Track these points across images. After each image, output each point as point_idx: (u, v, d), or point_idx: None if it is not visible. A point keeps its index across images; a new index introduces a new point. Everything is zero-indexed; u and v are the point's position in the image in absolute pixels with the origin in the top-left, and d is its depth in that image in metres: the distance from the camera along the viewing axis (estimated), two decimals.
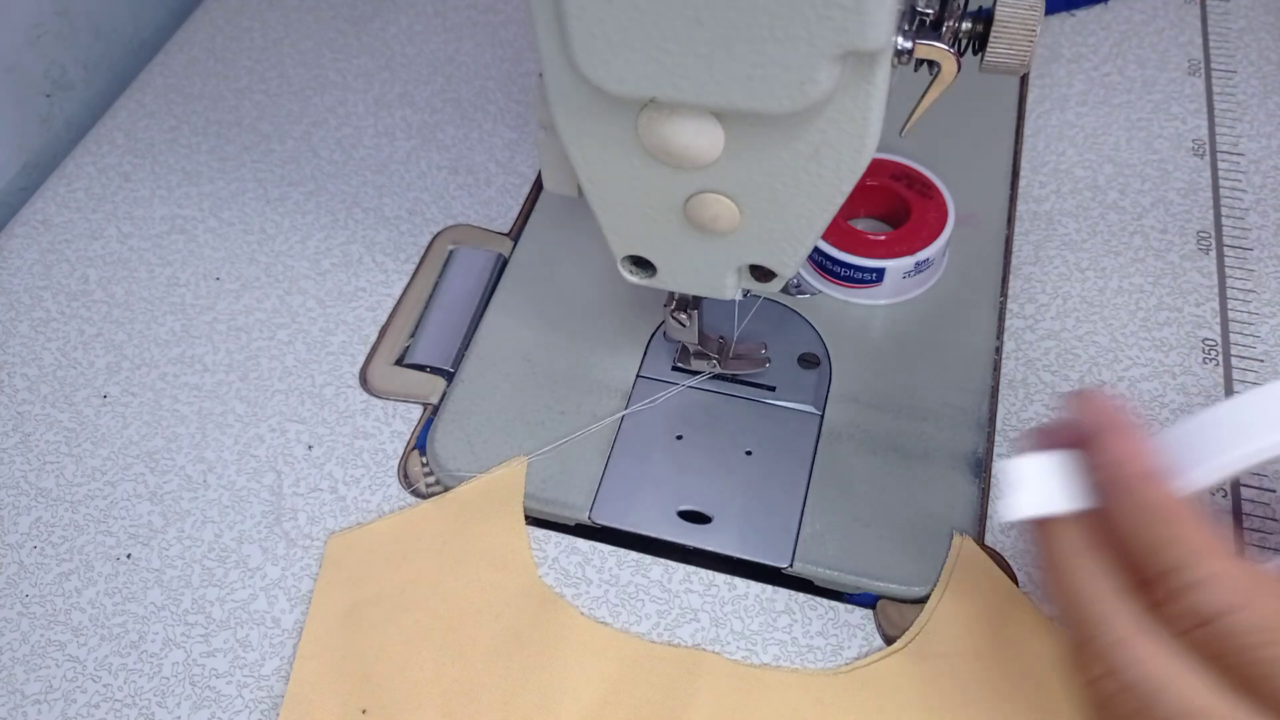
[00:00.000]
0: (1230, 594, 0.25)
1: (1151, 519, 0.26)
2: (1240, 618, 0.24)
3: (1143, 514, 0.26)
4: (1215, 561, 0.25)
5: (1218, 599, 0.25)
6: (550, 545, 0.40)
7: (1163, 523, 0.26)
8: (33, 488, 0.43)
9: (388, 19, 0.60)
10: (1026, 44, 0.31)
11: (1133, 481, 0.27)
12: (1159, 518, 0.26)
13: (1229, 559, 0.25)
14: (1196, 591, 0.25)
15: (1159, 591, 0.25)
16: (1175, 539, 0.26)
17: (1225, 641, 0.25)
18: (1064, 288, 0.47)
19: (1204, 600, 0.25)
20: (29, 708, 0.37)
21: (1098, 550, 0.27)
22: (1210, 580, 0.25)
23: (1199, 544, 0.26)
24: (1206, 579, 0.25)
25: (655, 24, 0.26)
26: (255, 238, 0.51)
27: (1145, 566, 0.26)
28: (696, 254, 0.35)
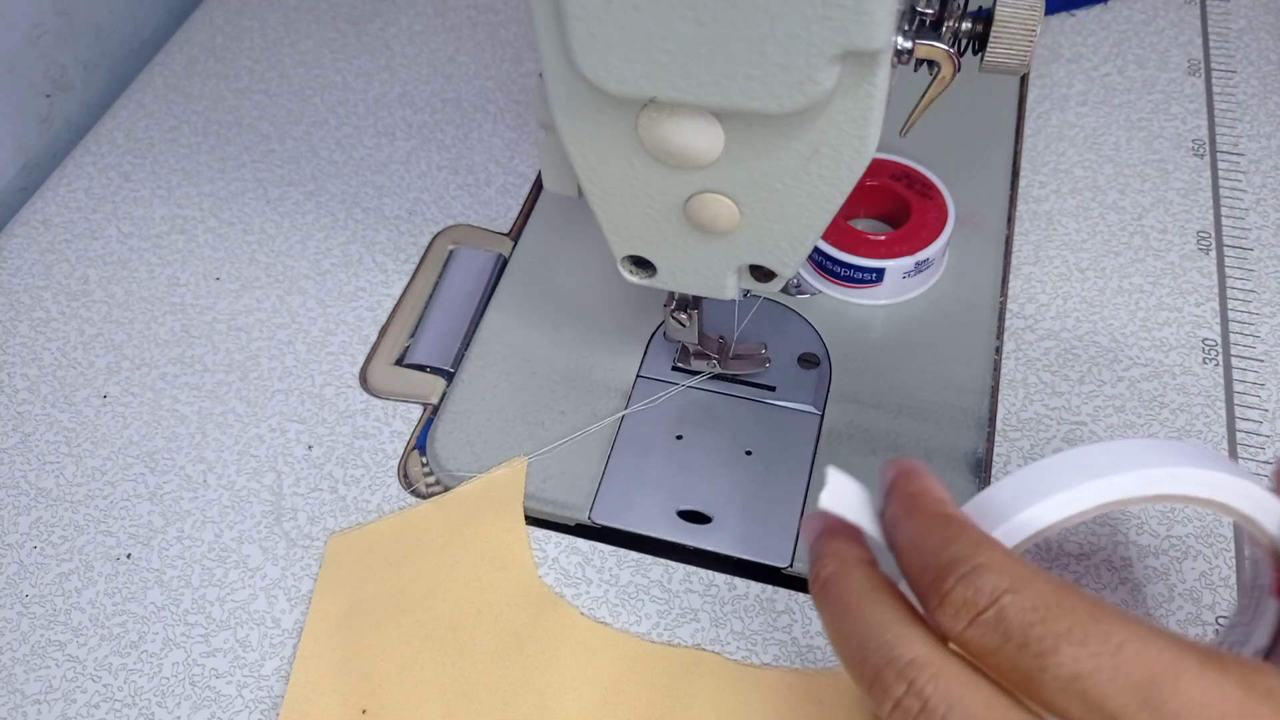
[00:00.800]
0: (1003, 577, 0.25)
1: (936, 526, 0.27)
2: (1014, 599, 0.25)
3: (930, 522, 0.27)
4: (990, 551, 0.26)
5: (992, 582, 0.25)
6: (550, 545, 0.40)
7: (945, 527, 0.27)
8: (33, 488, 0.43)
9: (388, 19, 0.60)
10: (1026, 44, 0.31)
11: (924, 501, 0.28)
12: (942, 524, 0.27)
13: (1005, 552, 0.26)
14: (972, 578, 0.25)
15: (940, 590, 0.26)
16: (955, 537, 0.26)
17: (1005, 627, 0.25)
18: (1064, 288, 0.47)
19: (980, 585, 0.25)
20: (29, 708, 0.37)
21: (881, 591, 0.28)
22: (985, 566, 0.25)
23: (976, 539, 0.26)
24: (981, 565, 0.25)
25: (655, 24, 0.26)
26: (255, 238, 0.51)
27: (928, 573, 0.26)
28: (696, 254, 0.35)
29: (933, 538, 0.27)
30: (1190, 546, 0.39)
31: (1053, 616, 0.25)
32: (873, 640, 0.27)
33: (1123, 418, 0.43)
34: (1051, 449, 0.42)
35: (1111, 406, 0.43)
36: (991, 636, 0.25)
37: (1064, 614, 0.25)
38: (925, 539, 0.27)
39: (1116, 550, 0.39)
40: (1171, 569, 0.39)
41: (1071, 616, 0.25)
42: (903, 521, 0.28)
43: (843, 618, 0.28)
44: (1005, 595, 0.25)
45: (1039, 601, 0.25)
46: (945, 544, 0.26)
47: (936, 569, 0.26)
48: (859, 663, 0.27)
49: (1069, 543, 0.40)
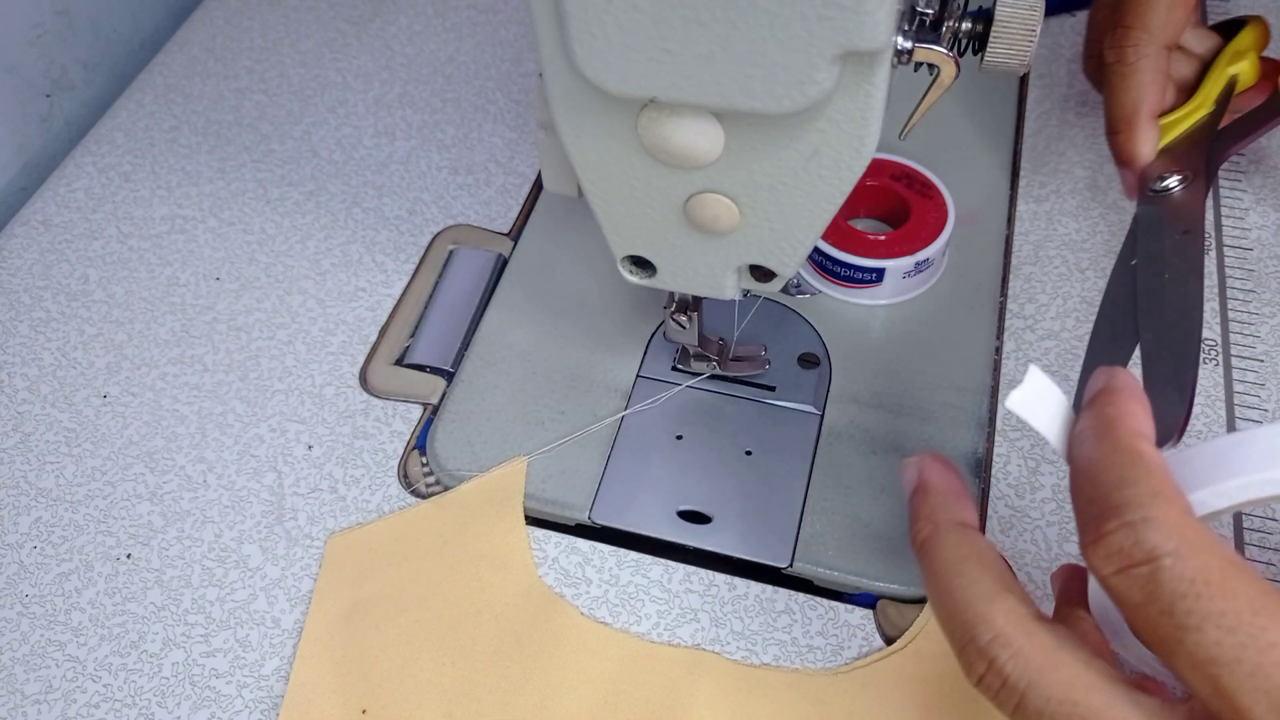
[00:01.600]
0: (1171, 539, 0.24)
1: (1120, 460, 0.26)
2: (1174, 564, 0.24)
3: (1118, 455, 0.26)
4: (1168, 507, 0.25)
5: (1156, 541, 0.24)
6: (550, 545, 0.40)
7: (1130, 464, 0.26)
8: (33, 488, 0.43)
9: (388, 19, 0.60)
10: (1026, 44, 0.31)
11: (1121, 430, 0.27)
12: (1128, 460, 0.26)
13: (1183, 511, 0.25)
14: (1137, 529, 0.24)
15: (1101, 529, 0.25)
16: (1138, 480, 0.25)
17: (1151, 587, 0.24)
18: (1064, 288, 0.47)
19: (1143, 538, 0.24)
20: (29, 708, 0.37)
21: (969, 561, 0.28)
22: (1154, 520, 0.24)
23: (1157, 489, 0.25)
24: (1152, 518, 0.24)
25: (655, 24, 0.26)
26: (255, 238, 0.51)
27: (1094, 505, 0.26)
28: (696, 254, 0.35)
29: (1112, 472, 0.26)
30: None
31: (1209, 595, 0.24)
32: (958, 616, 0.27)
33: None
34: (1052, 449, 0.42)
35: None
36: (1137, 592, 0.24)
37: (1222, 595, 0.24)
38: (1105, 470, 0.26)
39: None
40: None
41: (1230, 600, 0.24)
42: (1089, 443, 0.27)
43: (934, 588, 0.29)
44: (1166, 558, 0.24)
45: (1199, 575, 0.24)
46: (1122, 483, 0.25)
47: (1104, 505, 0.25)
48: (948, 633, 0.28)
49: (1069, 542, 0.40)
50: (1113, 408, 0.28)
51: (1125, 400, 0.28)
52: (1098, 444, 0.27)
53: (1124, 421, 0.27)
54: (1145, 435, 0.27)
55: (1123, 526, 0.25)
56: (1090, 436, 0.27)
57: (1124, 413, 0.27)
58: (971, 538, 0.29)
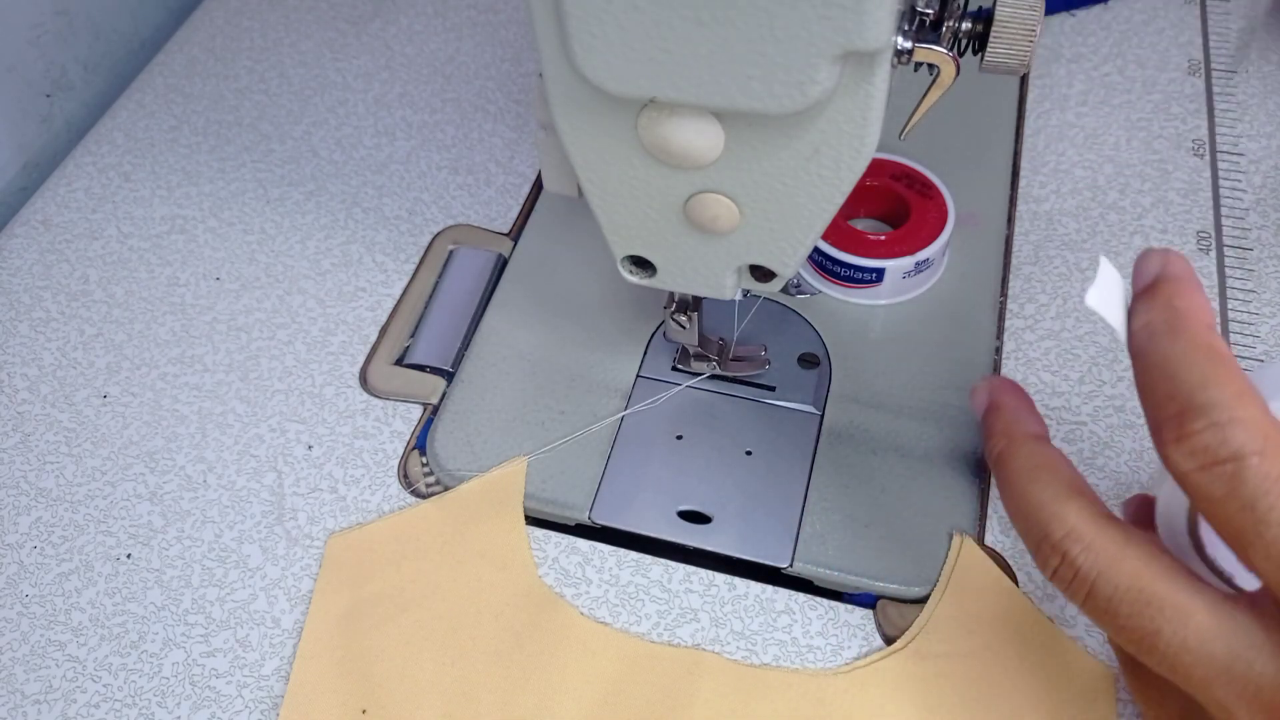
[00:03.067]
0: (1256, 439, 0.25)
1: (1203, 359, 0.26)
2: (1258, 463, 0.24)
3: (1197, 353, 0.26)
4: (1251, 408, 0.25)
5: (1241, 440, 0.24)
6: (550, 545, 0.40)
7: (1212, 364, 0.26)
8: (33, 488, 0.43)
9: (388, 19, 0.60)
10: (1026, 44, 0.31)
11: (1195, 327, 0.27)
12: (1211, 359, 0.26)
13: (1265, 412, 0.25)
14: (1224, 429, 0.25)
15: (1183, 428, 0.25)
16: (1219, 380, 0.25)
17: (1234, 484, 0.24)
18: (1064, 288, 0.47)
19: (1229, 438, 0.25)
20: (29, 708, 0.37)
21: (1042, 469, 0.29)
22: (1241, 421, 0.25)
23: (1240, 390, 0.25)
24: (1238, 419, 0.25)
25: (655, 24, 0.26)
26: (255, 238, 0.51)
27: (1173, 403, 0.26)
28: (696, 254, 0.35)
29: (1193, 370, 0.26)
30: None
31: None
32: (1033, 516, 0.29)
33: (1123, 417, 0.43)
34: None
35: (1111, 406, 0.43)
36: (1219, 487, 0.25)
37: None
38: (1184, 368, 0.26)
39: None
40: None
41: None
42: (1162, 337, 0.27)
43: (1010, 495, 0.30)
44: (1253, 457, 0.24)
45: None
46: (1205, 383, 0.25)
47: (1185, 404, 0.25)
48: (1024, 535, 0.29)
49: None
50: (1182, 299, 0.28)
51: (1193, 291, 0.28)
52: (1173, 339, 0.27)
53: (1197, 315, 0.27)
54: (1216, 330, 0.27)
55: (1210, 426, 0.25)
56: (1163, 330, 0.27)
57: (1195, 305, 0.27)
58: (1044, 448, 0.30)
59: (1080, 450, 0.42)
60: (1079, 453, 0.42)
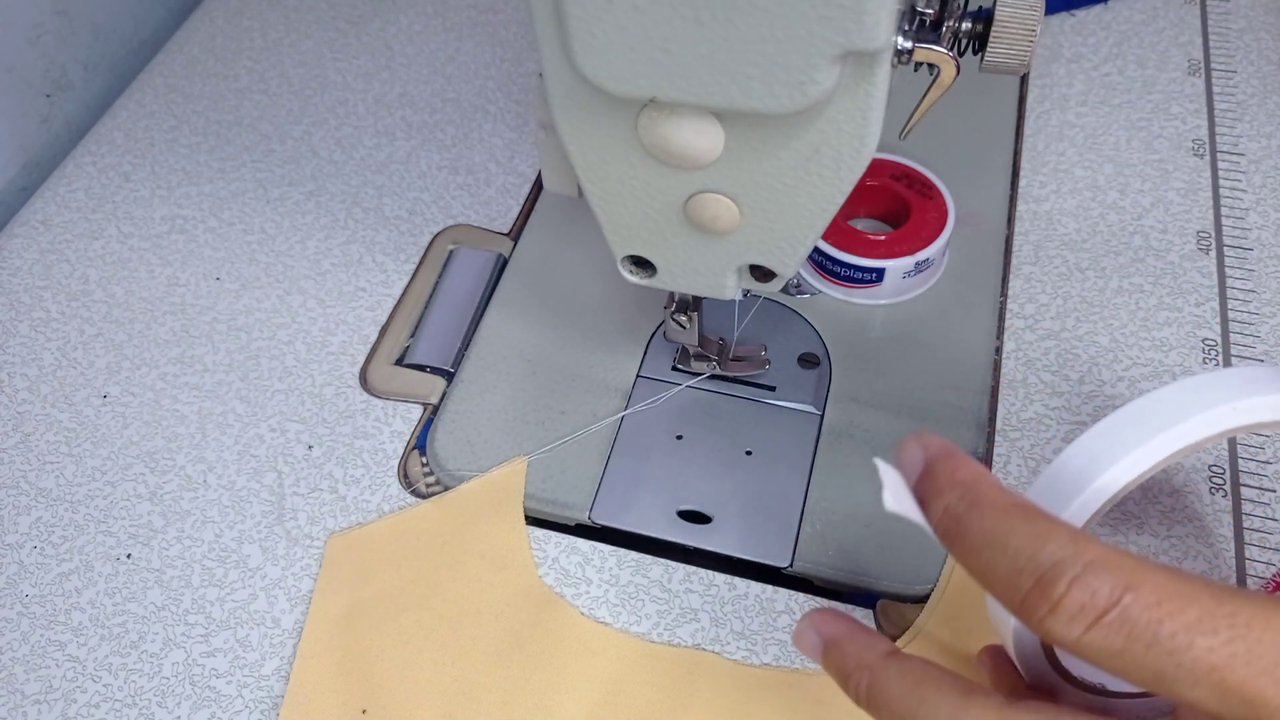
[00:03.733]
0: (1120, 574, 0.24)
1: (1019, 522, 0.25)
2: (1135, 597, 0.23)
3: (1009, 520, 0.25)
4: (1094, 548, 0.24)
5: (1109, 582, 0.23)
6: (550, 545, 0.40)
7: (1031, 522, 0.25)
8: (33, 488, 0.43)
9: (388, 19, 0.60)
10: (1026, 44, 0.31)
11: (990, 493, 0.26)
12: (1026, 519, 0.25)
13: (1107, 547, 0.24)
14: (1086, 580, 0.24)
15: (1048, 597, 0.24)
16: (1048, 534, 0.25)
17: (1130, 627, 0.23)
18: (1064, 288, 0.47)
19: (1096, 587, 0.24)
20: (29, 708, 0.37)
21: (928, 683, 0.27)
22: (1095, 564, 0.24)
23: (1072, 535, 0.25)
24: (1092, 563, 0.24)
25: (655, 24, 0.26)
26: (255, 238, 0.51)
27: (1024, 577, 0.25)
28: (696, 254, 0.35)
29: (1018, 537, 0.25)
30: (1190, 546, 0.39)
31: (1179, 609, 0.23)
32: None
33: None
34: (1052, 449, 0.42)
35: (1111, 406, 0.43)
36: (1116, 639, 0.24)
37: (1189, 602, 0.23)
38: (1009, 537, 0.25)
39: None
40: None
41: (1197, 604, 0.23)
42: (969, 516, 0.26)
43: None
44: (1126, 594, 0.23)
45: (1161, 595, 0.23)
46: (1038, 543, 0.24)
47: (1036, 573, 0.24)
48: None
49: None
50: (961, 471, 0.27)
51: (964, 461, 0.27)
52: (980, 514, 0.26)
53: (985, 481, 0.26)
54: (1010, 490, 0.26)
55: (1072, 583, 0.24)
56: (964, 510, 0.26)
57: (975, 473, 0.27)
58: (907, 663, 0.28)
59: None
60: None
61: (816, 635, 0.30)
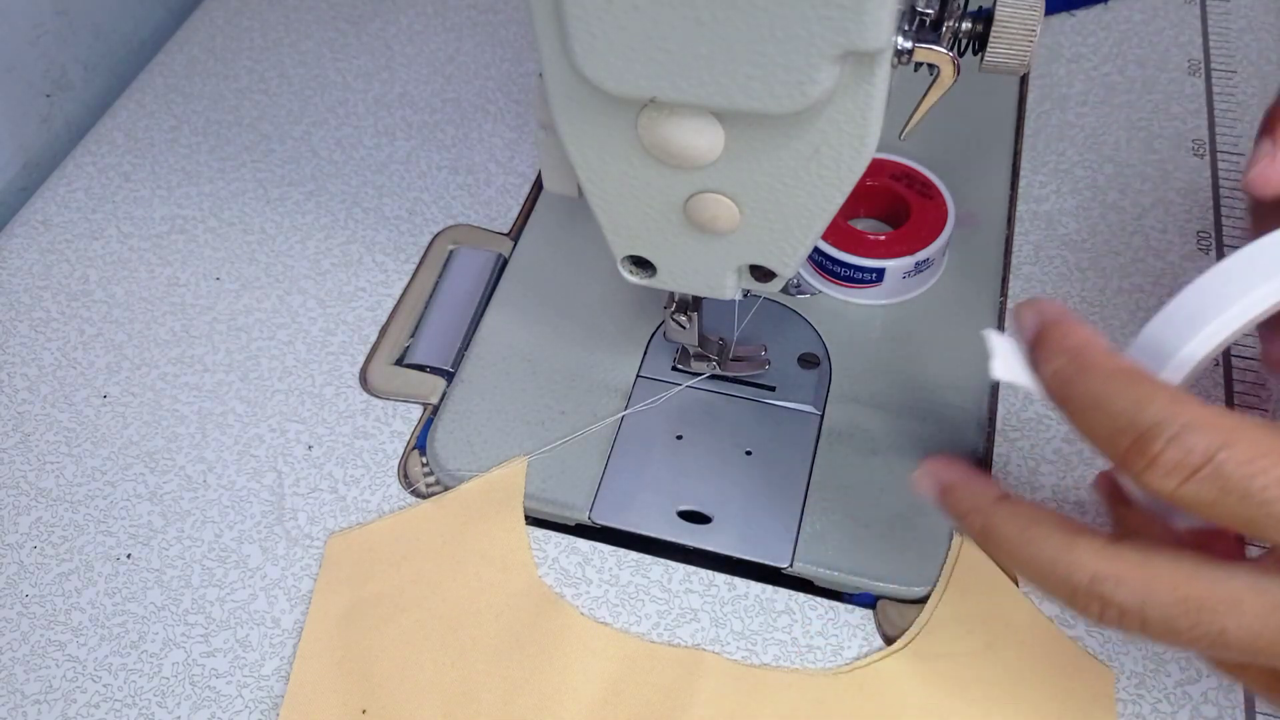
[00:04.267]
0: (1216, 433, 0.25)
1: (1123, 386, 0.27)
2: (1231, 454, 0.25)
3: (1113, 383, 0.27)
4: (1192, 409, 0.26)
5: (1205, 441, 0.25)
6: (550, 545, 0.40)
7: (1134, 385, 0.27)
8: (33, 488, 0.43)
9: (388, 19, 0.60)
10: (1026, 44, 0.31)
11: (1097, 357, 0.28)
12: (1129, 382, 0.27)
13: (1205, 406, 0.26)
14: (1182, 439, 0.25)
15: (1147, 454, 0.26)
16: (1149, 397, 0.26)
17: (1223, 482, 0.25)
18: (1064, 288, 0.47)
19: (1191, 445, 0.25)
20: (29, 708, 0.37)
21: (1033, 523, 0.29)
22: (1192, 424, 0.25)
23: (1171, 397, 0.26)
24: (1189, 424, 0.25)
25: (655, 24, 0.26)
26: (255, 238, 0.51)
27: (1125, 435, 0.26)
28: (696, 254, 0.35)
29: (1122, 398, 0.26)
30: None
31: (1271, 464, 0.25)
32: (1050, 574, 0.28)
33: None
34: (1052, 449, 0.42)
35: None
36: (1209, 490, 0.25)
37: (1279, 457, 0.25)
38: (1112, 399, 0.27)
39: None
40: None
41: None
42: (1077, 380, 0.28)
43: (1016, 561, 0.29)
44: (1221, 451, 0.25)
45: (1255, 451, 0.25)
46: (1139, 405, 0.26)
47: (1137, 431, 0.26)
48: (1048, 591, 0.29)
49: None
50: (1073, 338, 0.28)
51: (1078, 327, 0.29)
52: (1087, 377, 0.28)
53: (1094, 345, 0.28)
54: (1118, 352, 0.28)
55: (1169, 442, 0.25)
56: (1073, 373, 0.28)
57: (1086, 338, 0.28)
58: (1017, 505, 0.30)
59: (1080, 450, 0.42)
60: (1079, 453, 0.42)
61: (934, 480, 0.32)
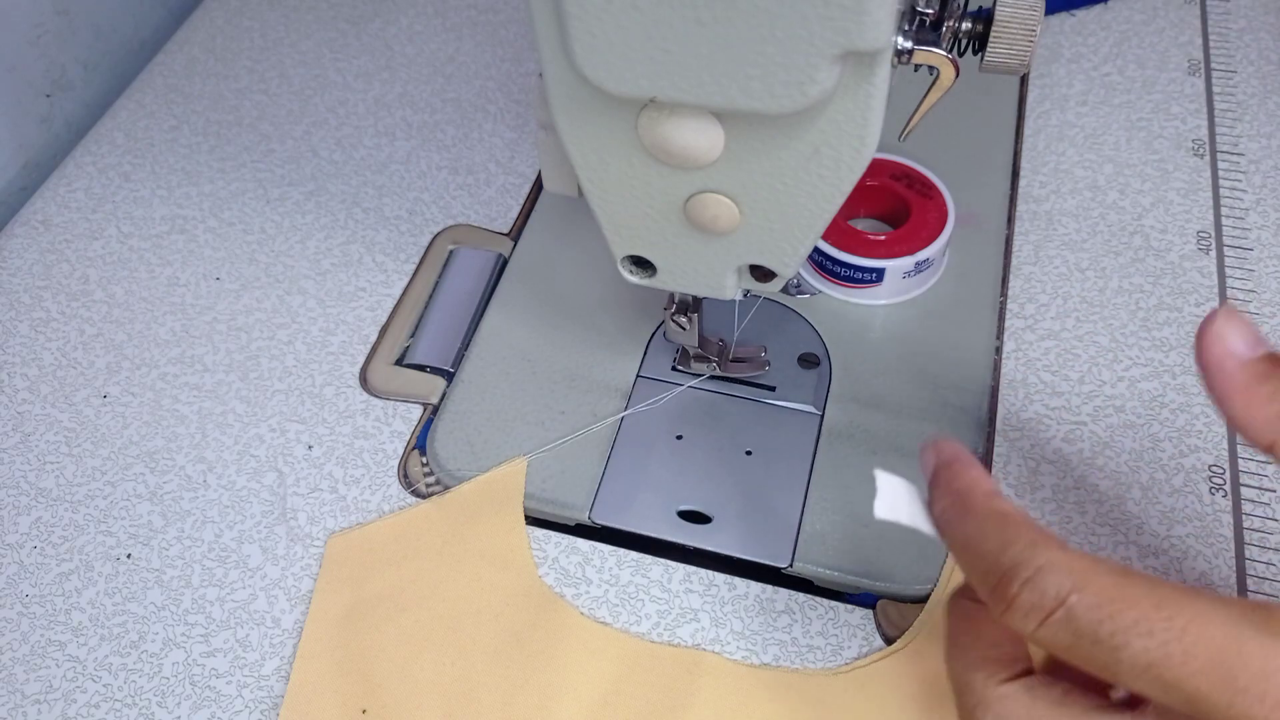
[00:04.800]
0: (1066, 577, 0.26)
1: (993, 527, 0.28)
2: (1079, 598, 0.26)
3: (987, 523, 0.28)
4: (1049, 551, 0.26)
5: (1056, 584, 0.26)
6: (550, 545, 0.40)
7: (1002, 528, 0.27)
8: (33, 488, 0.43)
9: (388, 19, 0.60)
10: (1026, 44, 0.31)
11: (976, 500, 0.29)
12: (999, 525, 0.28)
13: (1064, 548, 0.27)
14: (1036, 581, 0.26)
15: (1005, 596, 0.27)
16: (1013, 539, 0.27)
17: (1075, 625, 0.26)
18: (1064, 288, 0.47)
19: (1044, 588, 0.26)
20: (29, 708, 0.37)
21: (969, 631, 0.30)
22: (1046, 567, 0.26)
23: (1034, 537, 0.27)
24: (1043, 567, 0.26)
25: (655, 24, 0.26)
26: (255, 238, 0.51)
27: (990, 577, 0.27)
28: (696, 254, 0.35)
29: (989, 540, 0.27)
30: (1190, 546, 0.39)
31: (1118, 610, 0.25)
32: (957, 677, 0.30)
33: (1123, 417, 0.43)
34: (1052, 449, 0.42)
35: (1111, 406, 0.43)
36: (1064, 635, 0.26)
37: (1129, 605, 0.25)
38: (981, 541, 0.28)
39: (1116, 550, 0.39)
40: (1171, 569, 0.39)
41: (1136, 608, 0.25)
42: (956, 521, 0.29)
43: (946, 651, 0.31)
44: (1071, 595, 0.26)
45: (1103, 597, 0.26)
46: (1003, 547, 0.27)
47: (999, 574, 0.27)
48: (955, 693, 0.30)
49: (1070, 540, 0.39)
50: (959, 480, 0.30)
51: (966, 469, 0.30)
52: (964, 518, 0.29)
53: (976, 488, 0.29)
54: (996, 493, 0.29)
55: (1025, 584, 0.26)
56: (954, 514, 0.29)
57: (971, 481, 0.29)
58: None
59: (1080, 450, 0.42)
60: (1079, 452, 0.42)
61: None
